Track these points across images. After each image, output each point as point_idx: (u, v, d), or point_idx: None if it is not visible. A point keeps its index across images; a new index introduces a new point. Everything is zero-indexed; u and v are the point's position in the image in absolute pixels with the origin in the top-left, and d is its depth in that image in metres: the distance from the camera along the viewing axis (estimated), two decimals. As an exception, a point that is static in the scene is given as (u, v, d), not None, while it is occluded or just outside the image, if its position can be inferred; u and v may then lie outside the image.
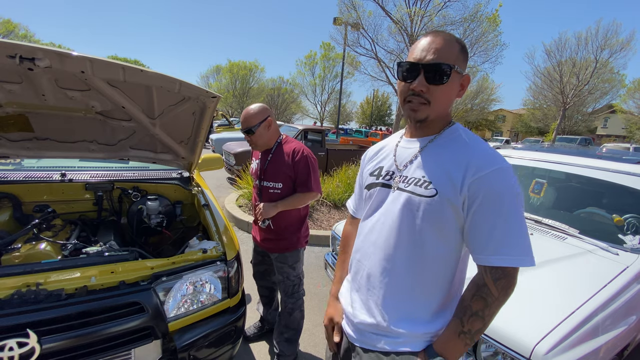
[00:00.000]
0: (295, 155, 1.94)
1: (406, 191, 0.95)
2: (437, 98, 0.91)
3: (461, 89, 0.94)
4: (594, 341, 1.45)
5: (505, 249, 0.83)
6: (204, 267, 1.66)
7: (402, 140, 1.07)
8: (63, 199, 2.27)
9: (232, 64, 35.20)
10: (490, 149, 0.90)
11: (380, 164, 1.10)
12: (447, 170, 0.89)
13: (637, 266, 1.82)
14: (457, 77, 0.91)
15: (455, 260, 0.95)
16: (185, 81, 1.63)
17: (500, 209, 0.84)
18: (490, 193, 0.84)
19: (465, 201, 0.87)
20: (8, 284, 1.27)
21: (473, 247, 0.89)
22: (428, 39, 0.91)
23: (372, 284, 1.01)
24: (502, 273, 0.85)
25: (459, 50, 0.90)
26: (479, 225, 0.86)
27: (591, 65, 19.92)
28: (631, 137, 29.72)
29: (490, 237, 0.84)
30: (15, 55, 1.30)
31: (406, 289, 0.96)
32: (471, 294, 0.89)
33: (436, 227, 0.91)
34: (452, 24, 6.44)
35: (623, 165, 2.48)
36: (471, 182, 0.85)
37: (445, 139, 0.96)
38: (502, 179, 0.85)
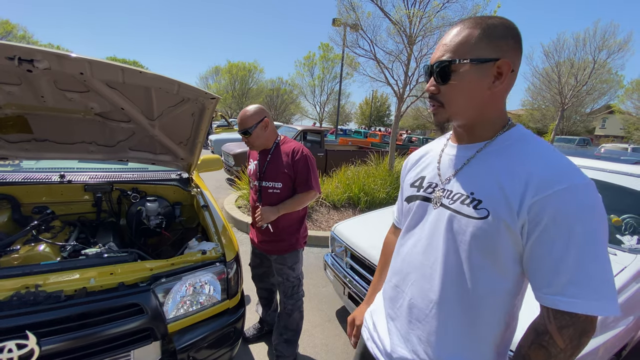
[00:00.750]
0: (294, 155, 1.94)
1: (450, 209, 0.81)
2: (449, 98, 0.80)
3: (498, 78, 0.75)
4: (592, 341, 1.46)
5: (576, 289, 0.65)
6: (203, 268, 1.66)
7: (447, 146, 0.93)
8: (62, 201, 2.27)
9: (231, 64, 35.19)
10: (562, 158, 0.72)
11: (421, 174, 0.97)
12: (501, 186, 0.73)
13: (635, 266, 1.82)
14: (476, 68, 0.75)
15: (513, 294, 0.78)
16: (184, 82, 1.63)
17: (572, 236, 0.65)
18: (559, 216, 0.66)
19: (525, 225, 0.70)
20: (7, 285, 1.27)
21: (534, 281, 0.72)
22: (446, 33, 0.81)
23: (415, 316, 0.87)
24: (570, 320, 0.66)
25: (478, 36, 0.75)
26: (543, 256, 0.69)
27: (589, 66, 19.96)
28: (629, 138, 29.80)
29: (556, 272, 0.67)
30: (14, 57, 1.30)
31: (456, 326, 0.81)
32: (529, 341, 0.74)
33: (489, 256, 0.75)
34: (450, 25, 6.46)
35: (621, 166, 2.49)
36: (533, 202, 0.68)
37: (499, 145, 0.80)
38: (577, 199, 0.66)
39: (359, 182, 5.85)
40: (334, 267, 2.66)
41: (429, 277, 0.85)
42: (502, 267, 0.75)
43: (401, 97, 7.03)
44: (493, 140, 0.81)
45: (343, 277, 2.49)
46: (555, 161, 0.71)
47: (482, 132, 0.83)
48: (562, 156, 0.72)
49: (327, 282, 3.41)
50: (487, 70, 0.75)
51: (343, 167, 6.55)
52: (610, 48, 19.62)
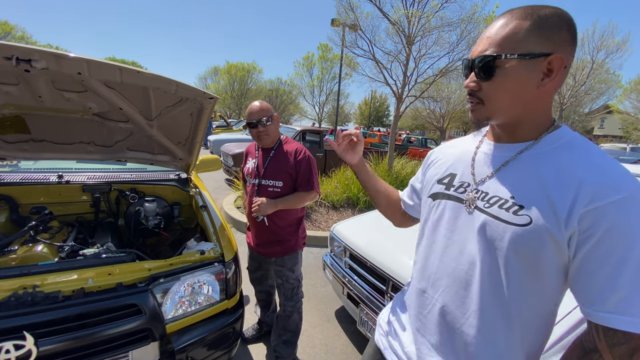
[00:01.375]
0: (297, 155, 1.95)
1: (486, 213, 0.76)
2: (491, 96, 0.74)
3: (548, 75, 0.69)
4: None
5: (632, 309, 0.61)
6: (201, 268, 1.66)
7: (483, 143, 0.86)
8: (60, 201, 2.27)
9: (230, 65, 35.19)
10: (618, 165, 0.66)
11: (451, 170, 0.90)
12: (547, 192, 0.68)
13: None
14: (523, 64, 0.69)
15: (552, 305, 0.75)
16: (183, 82, 1.63)
17: (630, 252, 0.60)
18: (615, 229, 0.61)
19: (573, 236, 0.65)
20: (5, 286, 1.27)
21: (583, 297, 0.67)
22: (492, 24, 0.75)
23: (449, 324, 0.82)
24: (624, 338, 0.62)
25: (527, 29, 0.68)
26: (595, 272, 0.63)
27: (587, 66, 20.02)
28: (628, 138, 29.88)
29: (610, 289, 0.62)
30: (11, 57, 1.30)
31: (494, 334, 0.76)
32: (574, 358, 0.69)
33: (529, 265, 0.70)
34: (449, 25, 6.48)
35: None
36: (585, 212, 0.63)
37: (545, 148, 0.74)
38: (636, 211, 0.61)
39: (357, 182, 5.83)
40: (333, 267, 2.65)
41: (465, 283, 0.79)
42: (543, 277, 0.71)
43: (400, 97, 7.04)
44: (538, 142, 0.75)
45: (342, 277, 2.49)
46: (612, 168, 0.65)
47: (525, 132, 0.77)
48: (617, 163, 0.67)
49: (326, 282, 3.40)
50: (536, 66, 0.69)
51: (342, 167, 6.55)
52: (609, 48, 19.69)
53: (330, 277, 2.69)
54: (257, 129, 1.92)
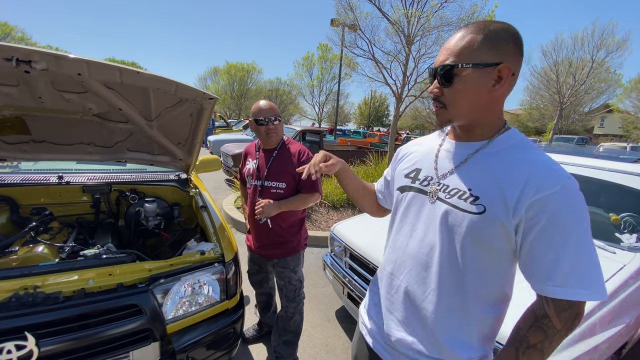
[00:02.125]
0: (301, 156, 1.94)
1: (447, 203, 0.86)
2: (451, 100, 0.84)
3: (498, 81, 0.79)
4: (592, 339, 1.46)
5: (574, 281, 0.72)
6: (202, 269, 1.66)
7: (445, 142, 0.97)
8: (60, 202, 2.27)
9: (229, 65, 35.22)
10: (552, 162, 0.78)
11: (417, 166, 1.00)
12: (500, 186, 0.78)
13: (634, 264, 1.83)
14: (477, 72, 0.78)
15: (501, 281, 0.86)
16: (182, 83, 1.63)
17: (569, 235, 0.72)
18: (556, 217, 0.72)
19: (520, 224, 0.76)
20: (5, 287, 1.27)
21: (533, 276, 0.78)
22: (450, 37, 0.85)
23: (411, 301, 0.93)
24: (568, 305, 0.75)
25: (480, 41, 0.78)
26: (542, 254, 0.75)
27: (587, 65, 20.00)
28: (628, 137, 29.87)
29: (555, 268, 0.74)
30: (11, 58, 1.30)
31: (450, 309, 0.87)
32: (528, 324, 0.80)
33: (481, 248, 0.81)
34: (448, 25, 6.49)
35: (620, 165, 2.50)
36: (531, 203, 0.74)
37: (499, 147, 0.85)
38: (570, 199, 0.73)
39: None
40: (333, 267, 2.65)
41: (425, 265, 0.90)
42: (494, 260, 0.82)
43: (400, 97, 7.04)
44: (492, 142, 0.86)
45: (342, 277, 2.49)
46: (551, 166, 0.77)
47: (481, 132, 0.87)
48: (555, 161, 0.79)
49: (326, 282, 3.41)
50: (488, 74, 0.79)
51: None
52: (609, 47, 19.66)
53: (331, 277, 2.69)
54: (267, 126, 1.89)
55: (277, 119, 1.91)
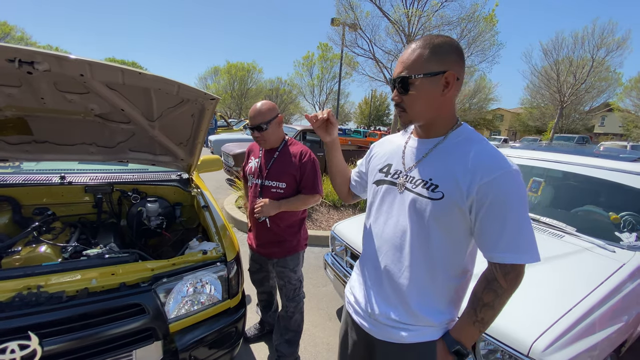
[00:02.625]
0: (302, 157, 1.94)
1: (413, 192, 1.00)
2: (409, 105, 0.98)
3: (446, 86, 0.94)
4: (592, 338, 1.47)
5: (514, 248, 0.89)
6: (204, 268, 1.67)
7: (410, 139, 1.11)
8: (62, 202, 2.28)
9: (230, 65, 35.23)
10: (496, 152, 0.93)
11: (388, 161, 1.14)
12: (454, 174, 0.93)
13: (633, 263, 1.83)
14: (427, 80, 0.93)
15: (463, 255, 1.01)
16: (184, 83, 1.63)
17: (509, 212, 0.88)
18: (498, 197, 0.88)
19: (472, 204, 0.91)
20: (9, 286, 1.28)
21: (483, 246, 0.95)
22: (404, 52, 1.00)
23: (390, 278, 1.06)
24: (511, 268, 0.91)
25: (427, 55, 0.92)
26: (488, 228, 0.91)
27: (588, 64, 20.00)
28: (628, 135, 29.84)
29: (499, 238, 0.90)
30: (14, 59, 1.31)
31: (421, 282, 1.02)
32: (482, 287, 0.96)
33: (443, 228, 0.96)
34: (449, 24, 6.50)
35: (620, 164, 2.50)
36: (479, 187, 0.89)
37: (452, 141, 1.00)
38: (509, 183, 0.88)
39: (358, 182, 5.84)
40: (334, 266, 2.66)
41: (399, 247, 1.04)
42: (454, 236, 0.97)
43: (400, 96, 7.03)
44: (446, 137, 1.01)
45: (343, 276, 2.50)
46: (495, 154, 0.92)
47: (438, 129, 1.02)
48: (496, 150, 0.94)
49: (327, 282, 3.41)
50: (437, 81, 0.93)
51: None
52: (609, 46, 19.64)
53: (332, 276, 2.70)
54: (254, 134, 1.91)
55: (267, 125, 1.86)
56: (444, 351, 1.01)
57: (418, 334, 1.03)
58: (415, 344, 1.03)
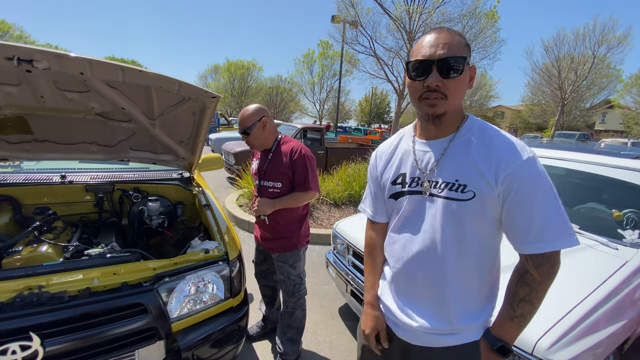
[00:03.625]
0: (293, 155, 1.95)
1: (441, 197, 0.95)
2: (453, 91, 0.91)
3: (470, 80, 0.94)
4: (595, 335, 1.46)
5: (545, 235, 0.85)
6: (206, 267, 1.66)
7: (416, 144, 1.05)
8: (63, 201, 2.27)
9: (230, 63, 35.11)
10: (513, 139, 0.91)
11: (401, 170, 1.07)
12: (479, 169, 0.90)
13: (636, 260, 1.82)
14: (467, 67, 0.91)
15: (496, 249, 0.99)
16: (185, 81, 1.62)
17: (535, 198, 0.85)
18: (523, 184, 0.86)
19: (500, 195, 0.89)
20: (10, 287, 1.27)
21: (513, 238, 0.92)
22: (433, 35, 0.91)
23: (428, 290, 1.01)
24: (543, 259, 0.87)
25: (464, 43, 0.91)
26: (516, 217, 0.88)
27: (589, 60, 19.93)
28: (629, 132, 29.77)
29: (529, 227, 0.86)
30: (13, 57, 1.30)
31: (463, 289, 0.98)
32: (515, 281, 0.93)
33: (479, 227, 0.93)
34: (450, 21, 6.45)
35: (621, 161, 2.49)
36: (504, 177, 0.86)
37: (465, 135, 0.96)
38: (532, 169, 0.86)
39: (359, 180, 5.84)
40: (336, 264, 2.66)
41: (433, 257, 0.98)
42: (487, 231, 0.94)
43: (401, 93, 7.03)
44: (459, 131, 0.97)
45: (345, 274, 2.50)
46: (512, 142, 0.90)
47: (451, 125, 0.98)
48: (512, 137, 0.92)
49: (329, 280, 3.41)
50: (468, 71, 0.92)
51: (344, 165, 6.54)
52: (610, 43, 19.57)
53: (334, 274, 2.70)
54: (244, 136, 1.98)
55: (247, 132, 1.94)
56: (486, 350, 0.98)
57: (460, 337, 1.00)
58: (457, 346, 1.00)
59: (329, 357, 2.37)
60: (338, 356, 2.38)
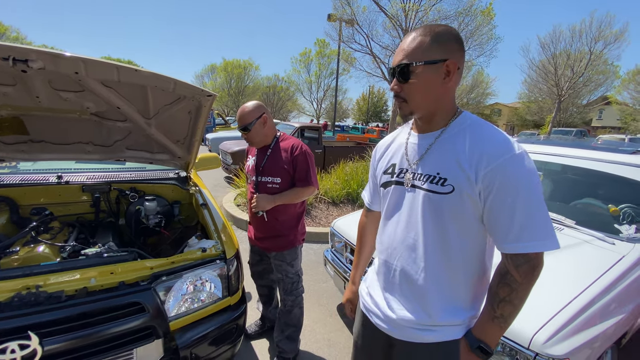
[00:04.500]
0: (294, 151, 1.96)
1: (422, 189, 0.97)
2: (410, 94, 0.94)
3: (447, 75, 0.91)
4: (592, 330, 1.47)
5: (526, 236, 0.84)
6: (203, 265, 1.67)
7: (410, 136, 1.08)
8: (60, 202, 2.26)
9: (226, 62, 35.05)
10: (501, 136, 0.90)
11: (392, 161, 1.11)
12: (460, 165, 0.90)
13: (633, 255, 1.83)
14: (429, 68, 0.90)
15: (481, 247, 0.97)
16: (180, 80, 1.62)
17: (517, 197, 0.84)
18: (504, 182, 0.84)
19: (481, 191, 0.88)
20: (8, 286, 1.27)
21: (494, 237, 0.92)
22: (403, 40, 0.97)
23: (409, 281, 1.02)
24: (524, 259, 0.86)
25: (428, 42, 0.90)
26: (497, 216, 0.87)
27: (585, 57, 19.98)
28: (626, 128, 29.88)
29: (509, 226, 0.85)
30: (8, 57, 1.30)
31: (441, 282, 0.98)
32: (496, 281, 0.93)
33: (459, 222, 0.93)
34: (446, 18, 6.47)
35: (618, 156, 2.50)
36: (485, 174, 0.86)
37: (453, 131, 0.96)
38: (516, 166, 0.84)
39: (357, 178, 5.85)
40: (334, 262, 2.66)
41: (413, 247, 1.00)
42: (468, 227, 0.94)
43: (398, 91, 7.02)
44: (447, 127, 0.98)
45: (343, 272, 2.50)
46: (497, 139, 0.89)
47: (438, 121, 0.99)
48: (501, 133, 0.91)
49: (327, 278, 3.42)
50: (438, 70, 0.91)
51: (341, 163, 6.55)
52: (607, 39, 19.62)
53: (332, 272, 2.70)
54: (244, 133, 1.96)
55: (248, 128, 1.93)
56: (465, 349, 0.98)
57: (440, 334, 1.00)
58: (438, 343, 1.00)
59: (327, 355, 2.37)
60: (336, 354, 2.39)
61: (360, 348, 1.27)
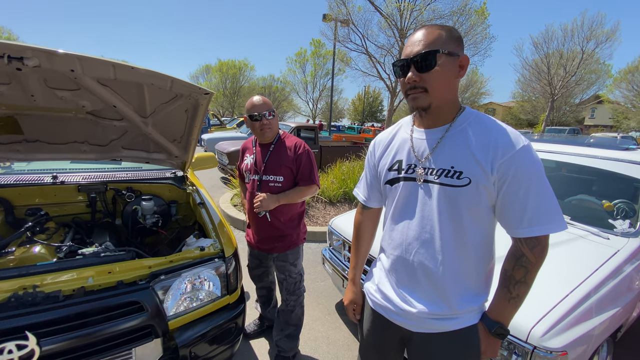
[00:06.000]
0: (297, 149, 1.95)
1: (437, 183, 0.98)
2: (433, 83, 0.94)
3: (461, 69, 0.96)
4: (588, 323, 1.49)
5: (538, 220, 0.90)
6: (202, 264, 1.66)
7: (414, 131, 1.08)
8: (55, 202, 2.24)
9: (221, 63, 34.92)
10: (509, 129, 0.95)
11: (397, 157, 1.10)
12: (475, 157, 0.93)
13: (627, 249, 1.86)
14: (449, 59, 0.93)
15: (490, 233, 1.02)
16: (177, 78, 1.61)
17: (530, 184, 0.89)
18: (519, 172, 0.89)
19: (495, 182, 0.92)
20: (4, 287, 1.25)
21: (508, 223, 0.95)
22: (414, 35, 0.98)
23: (428, 275, 1.03)
24: (537, 241, 0.92)
25: (446, 36, 0.93)
26: (512, 203, 0.92)
27: (578, 56, 20.19)
28: (618, 127, 30.24)
29: (523, 213, 0.90)
30: (3, 55, 1.28)
31: (459, 272, 1.01)
32: (512, 264, 0.97)
33: (474, 213, 0.97)
34: (441, 18, 6.50)
35: (611, 152, 2.53)
36: (500, 164, 0.90)
37: (460, 125, 0.99)
38: (528, 156, 0.90)
39: (354, 177, 5.86)
40: (332, 260, 2.67)
41: (430, 241, 1.02)
42: (482, 217, 0.98)
43: (394, 91, 7.06)
44: (455, 121, 1.00)
45: (342, 270, 2.51)
46: (507, 131, 0.94)
47: (446, 115, 1.01)
48: (508, 126, 0.96)
49: (325, 277, 3.42)
50: (455, 63, 0.94)
51: (338, 163, 6.56)
52: (598, 38, 19.84)
53: (330, 270, 2.71)
54: (261, 122, 1.91)
55: (270, 113, 1.92)
56: (485, 333, 1.02)
57: (460, 321, 1.03)
58: (456, 331, 1.03)
59: (326, 353, 2.37)
60: (335, 351, 2.39)
61: (372, 345, 1.26)
